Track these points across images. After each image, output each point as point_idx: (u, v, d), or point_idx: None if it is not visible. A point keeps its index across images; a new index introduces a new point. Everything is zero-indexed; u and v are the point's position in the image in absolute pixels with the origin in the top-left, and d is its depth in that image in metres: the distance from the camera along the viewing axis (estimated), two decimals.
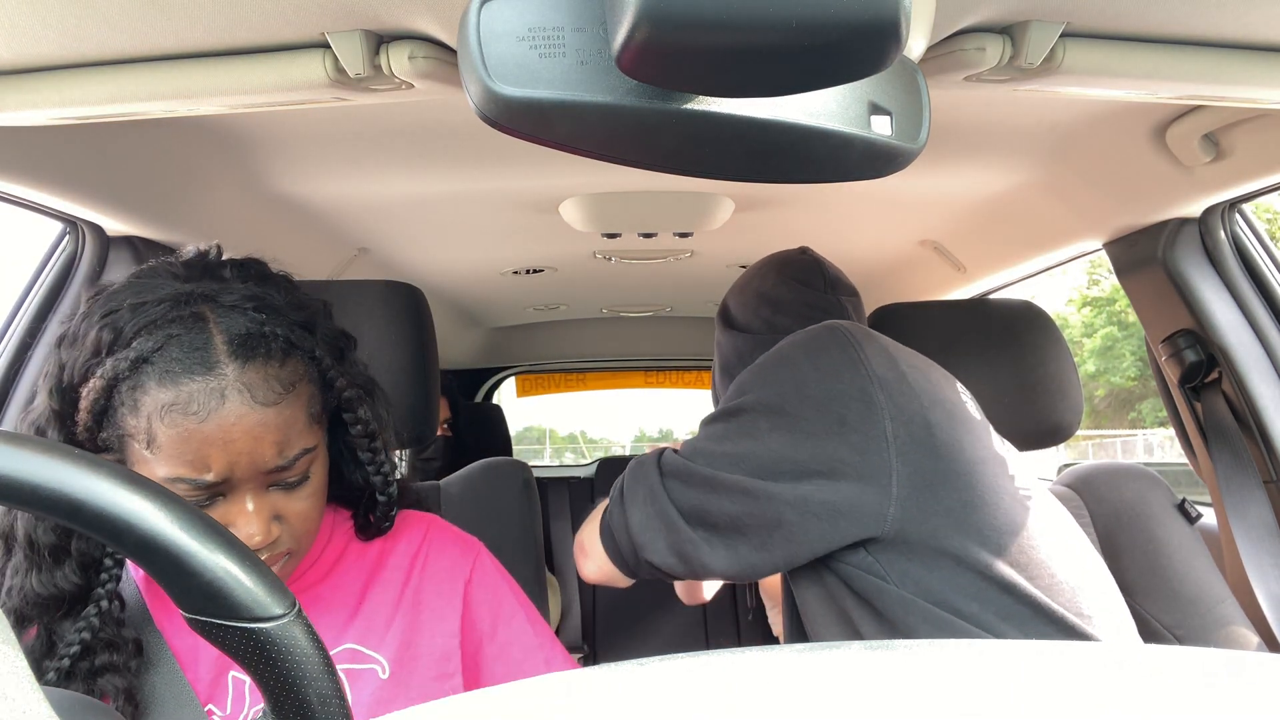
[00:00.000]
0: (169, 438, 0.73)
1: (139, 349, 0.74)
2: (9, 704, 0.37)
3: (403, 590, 0.91)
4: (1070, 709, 0.33)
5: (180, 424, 0.73)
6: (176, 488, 0.74)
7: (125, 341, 0.75)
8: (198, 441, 0.73)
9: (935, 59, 0.83)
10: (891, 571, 0.90)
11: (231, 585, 0.52)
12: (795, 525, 0.91)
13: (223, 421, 0.74)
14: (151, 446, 0.73)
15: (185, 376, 0.73)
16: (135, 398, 0.74)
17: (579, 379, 3.63)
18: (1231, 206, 1.41)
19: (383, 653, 0.87)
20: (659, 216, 1.74)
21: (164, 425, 0.73)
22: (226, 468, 0.75)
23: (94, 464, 0.50)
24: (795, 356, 1.00)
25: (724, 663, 0.38)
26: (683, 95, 0.48)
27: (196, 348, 0.74)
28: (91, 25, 0.75)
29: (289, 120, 1.23)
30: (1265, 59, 0.83)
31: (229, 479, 0.76)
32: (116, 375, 0.74)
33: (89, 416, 0.75)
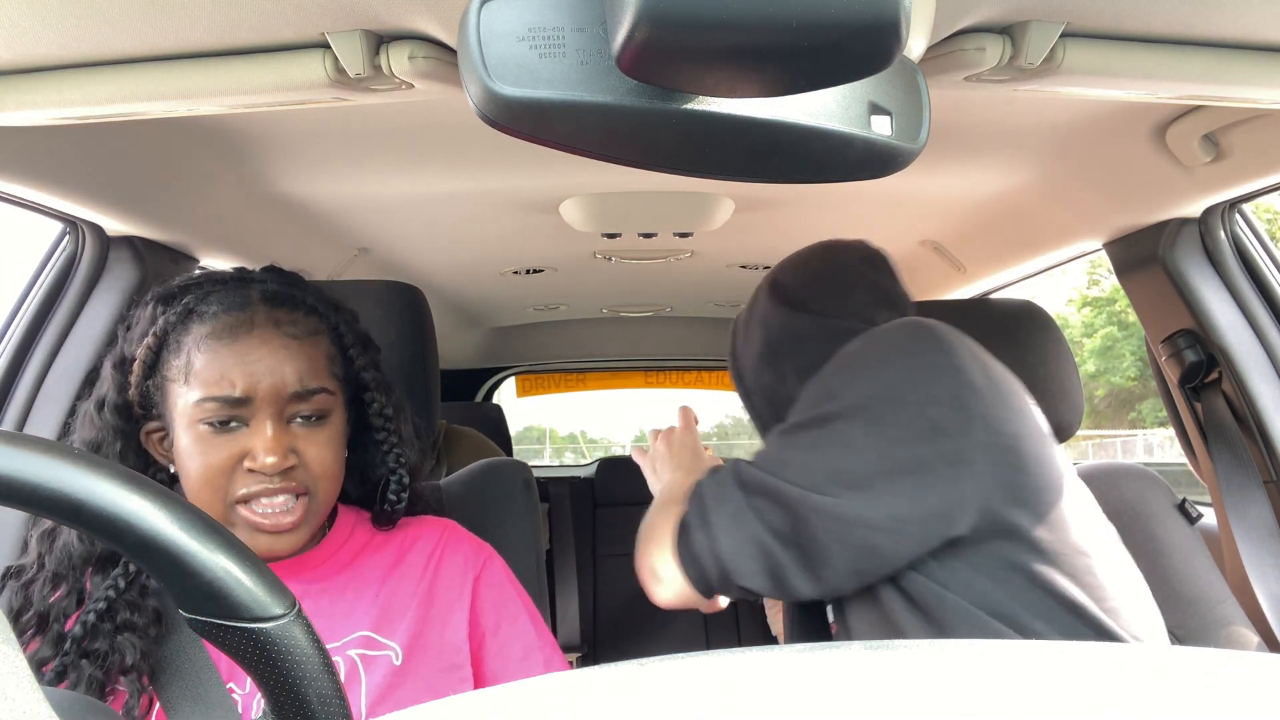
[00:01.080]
0: (203, 363, 0.84)
1: (187, 304, 0.87)
2: (9, 704, 0.37)
3: (418, 584, 0.95)
4: (1070, 709, 0.33)
5: (213, 348, 0.84)
6: (206, 408, 0.83)
7: (176, 302, 0.88)
8: (228, 361, 0.84)
9: (935, 59, 0.83)
10: (954, 581, 0.87)
11: (231, 585, 0.52)
12: (886, 546, 0.87)
13: (250, 343, 0.85)
14: (188, 377, 0.84)
15: (223, 314, 0.86)
16: (179, 340, 0.86)
17: (579, 379, 3.63)
18: (1231, 206, 1.41)
19: (396, 640, 0.90)
20: (659, 216, 1.74)
21: (200, 353, 0.84)
22: (251, 385, 0.84)
23: (94, 464, 0.50)
24: (886, 356, 0.94)
25: (724, 663, 0.38)
26: (683, 95, 0.48)
27: (236, 299, 0.88)
28: (91, 25, 0.75)
29: (289, 120, 1.23)
30: (1265, 59, 0.83)
31: (253, 399, 0.84)
32: (166, 328, 0.86)
33: (141, 369, 0.86)
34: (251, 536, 0.85)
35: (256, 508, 0.85)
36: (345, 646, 0.89)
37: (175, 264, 1.48)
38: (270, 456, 0.83)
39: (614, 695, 0.35)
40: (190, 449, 0.84)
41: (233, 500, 0.84)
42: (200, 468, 0.84)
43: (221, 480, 0.84)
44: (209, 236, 1.50)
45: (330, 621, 0.90)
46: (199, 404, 0.83)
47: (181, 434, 0.85)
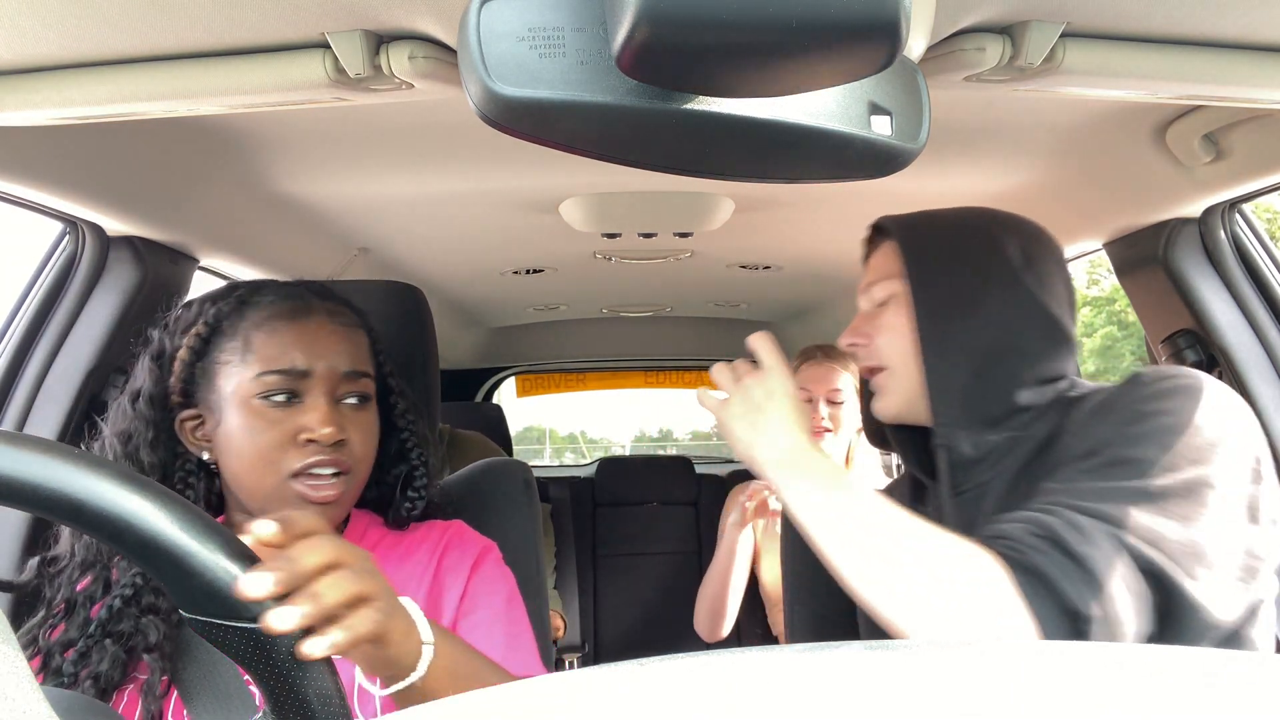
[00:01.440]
0: (263, 340, 0.91)
1: (240, 296, 0.94)
2: (9, 704, 0.37)
3: (423, 580, 0.98)
4: (1070, 709, 0.33)
5: (275, 328, 0.91)
6: (266, 381, 0.89)
7: (227, 297, 0.95)
8: (289, 339, 0.91)
9: (935, 59, 0.83)
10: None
11: (230, 584, 0.52)
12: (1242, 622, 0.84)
13: (309, 324, 0.93)
14: (246, 355, 0.90)
15: (280, 301, 0.94)
16: (234, 325, 0.92)
17: (579, 379, 3.63)
18: (1231, 206, 1.41)
19: None
20: (659, 216, 1.74)
21: (259, 332, 0.91)
22: (311, 361, 0.91)
23: (95, 464, 0.50)
24: (1215, 414, 0.83)
25: (724, 663, 0.38)
26: (683, 95, 0.48)
27: (289, 291, 0.96)
28: (91, 25, 0.75)
29: (289, 120, 1.23)
30: (1265, 59, 0.83)
31: (311, 374, 0.91)
32: (219, 317, 0.93)
33: (189, 354, 0.92)
34: (303, 510, 0.87)
35: (309, 481, 0.89)
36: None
37: (175, 264, 1.48)
38: (327, 427, 0.89)
39: (614, 695, 0.35)
40: (246, 425, 0.89)
41: (287, 474, 0.89)
42: (257, 444, 0.88)
43: (277, 455, 0.89)
44: (209, 236, 1.50)
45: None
46: (259, 378, 0.89)
47: (233, 413, 0.90)
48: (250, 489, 0.91)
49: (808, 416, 0.94)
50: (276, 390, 0.90)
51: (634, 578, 2.98)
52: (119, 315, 1.39)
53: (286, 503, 0.89)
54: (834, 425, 1.95)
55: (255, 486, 0.90)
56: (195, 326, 0.94)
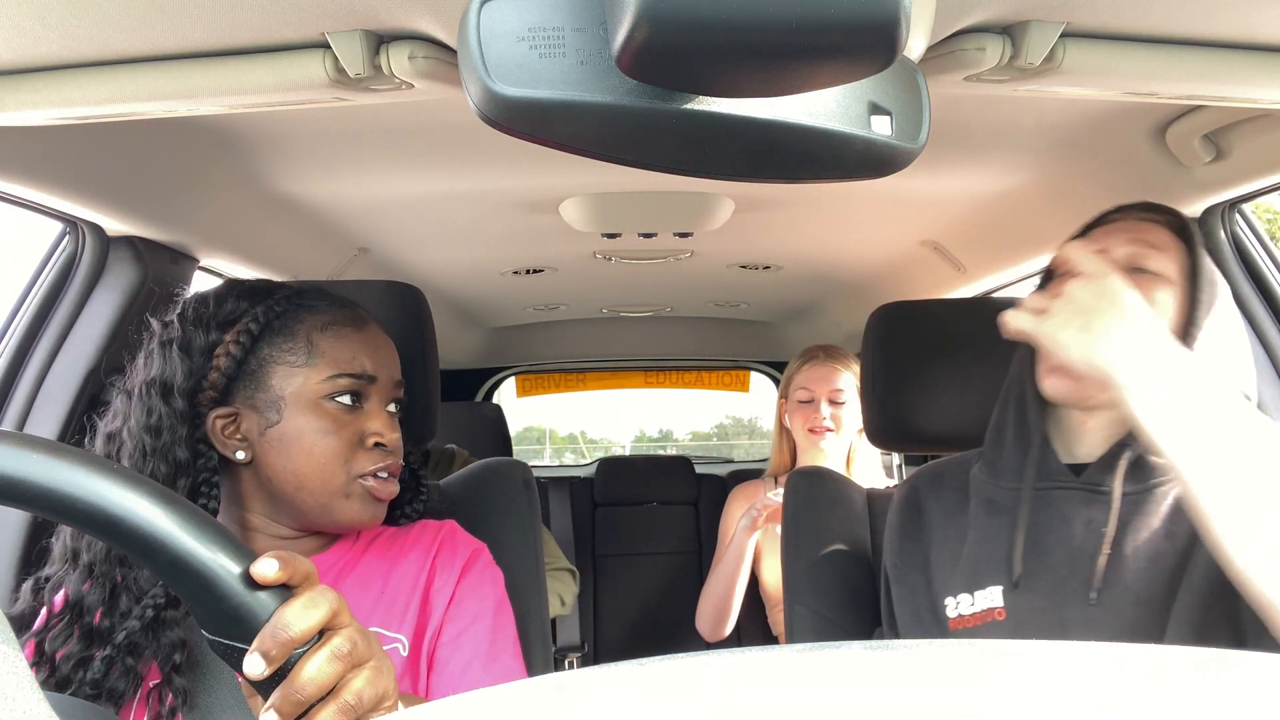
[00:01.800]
0: (331, 345, 0.94)
1: (289, 298, 0.96)
2: (9, 704, 0.37)
3: (417, 578, 0.99)
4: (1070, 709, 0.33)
5: (340, 333, 0.95)
6: (338, 383, 0.93)
7: (271, 295, 0.96)
8: (357, 345, 0.95)
9: (935, 59, 0.83)
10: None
11: (258, 611, 0.53)
12: None
13: (369, 333, 0.98)
14: (311, 357, 0.93)
15: (334, 308, 0.97)
16: (291, 326, 0.94)
17: (579, 379, 3.63)
18: (1231, 206, 1.41)
19: (403, 632, 0.94)
20: (659, 216, 1.74)
21: (326, 337, 0.94)
22: (375, 367, 0.96)
23: (133, 481, 0.50)
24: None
25: (724, 663, 0.38)
26: (683, 95, 0.48)
27: (336, 300, 0.99)
28: (91, 25, 0.75)
29: (289, 120, 1.23)
30: (1265, 59, 0.83)
31: (376, 379, 0.96)
32: (270, 316, 0.94)
33: (237, 349, 0.92)
34: (364, 507, 0.94)
35: (376, 479, 0.94)
36: None
37: (175, 264, 1.48)
38: (394, 434, 0.96)
39: (614, 695, 0.35)
40: (316, 426, 0.92)
41: (356, 475, 0.93)
42: (329, 445, 0.92)
43: (348, 455, 0.93)
44: (209, 236, 1.50)
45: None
46: (330, 380, 0.92)
47: (298, 414, 0.92)
48: (316, 488, 0.92)
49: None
50: (345, 393, 0.93)
51: (633, 578, 2.98)
52: (119, 315, 1.39)
53: (353, 500, 0.93)
54: (835, 425, 1.96)
55: (322, 486, 0.92)
56: (242, 323, 0.93)
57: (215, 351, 0.92)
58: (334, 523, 0.95)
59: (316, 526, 0.97)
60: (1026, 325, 0.87)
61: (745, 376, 3.59)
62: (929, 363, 1.36)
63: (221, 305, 0.95)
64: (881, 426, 1.40)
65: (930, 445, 1.39)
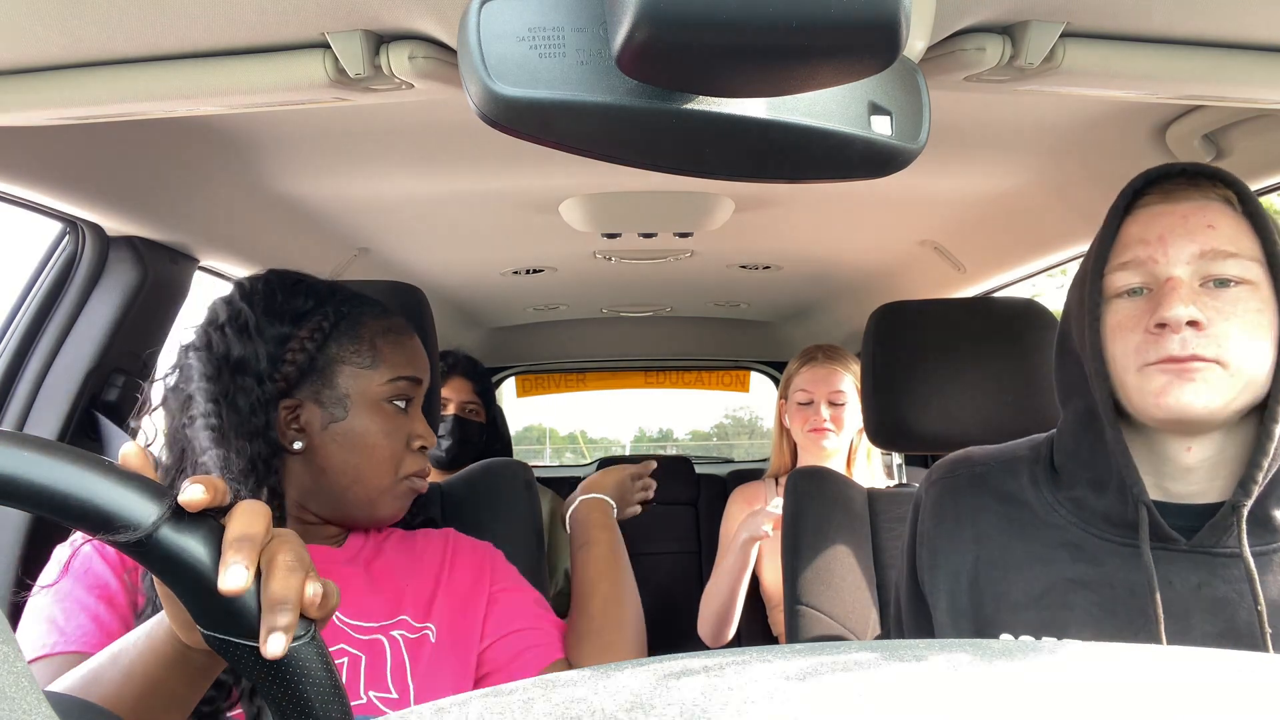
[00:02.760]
0: (391, 349, 1.01)
1: (349, 299, 1.02)
2: (9, 704, 0.37)
3: (438, 576, 1.04)
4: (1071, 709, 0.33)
5: (398, 339, 1.02)
6: (399, 385, 0.99)
7: (332, 296, 1.02)
8: (411, 352, 1.03)
9: (935, 59, 0.83)
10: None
11: (252, 605, 0.53)
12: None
13: (415, 343, 1.05)
14: (375, 359, 0.99)
15: (387, 315, 1.04)
16: (355, 328, 1.00)
17: (579, 379, 3.63)
18: None
19: (431, 623, 0.99)
20: (659, 216, 1.74)
21: (386, 341, 1.01)
22: (421, 371, 1.03)
23: (132, 482, 0.51)
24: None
25: (724, 663, 0.38)
26: (683, 95, 0.48)
27: (381, 308, 1.05)
28: (91, 25, 0.75)
29: (289, 120, 1.23)
30: (1265, 59, 0.83)
31: (422, 382, 1.03)
32: (338, 316, 1.00)
33: (311, 345, 0.97)
34: (402, 504, 1.02)
35: (417, 480, 1.02)
36: (388, 629, 0.96)
37: (175, 264, 1.48)
38: (432, 438, 1.04)
39: (614, 695, 0.35)
40: (378, 426, 0.98)
41: (403, 475, 1.00)
42: (389, 443, 0.98)
43: (400, 455, 1.00)
44: (209, 236, 1.50)
45: (366, 607, 0.97)
46: (392, 383, 0.99)
47: (362, 412, 0.98)
48: (369, 483, 0.98)
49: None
50: (402, 395, 1.00)
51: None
52: (119, 315, 1.39)
53: (398, 497, 1.00)
54: (836, 426, 1.95)
55: (375, 482, 0.98)
56: (315, 320, 0.98)
57: (289, 344, 0.97)
58: (372, 517, 1.00)
59: (348, 519, 1.01)
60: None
61: (745, 376, 3.59)
62: (929, 363, 1.36)
63: (291, 299, 1.00)
64: (881, 426, 1.41)
65: (930, 445, 1.39)
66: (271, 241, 1.65)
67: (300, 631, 0.53)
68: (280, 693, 0.53)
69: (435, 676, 0.95)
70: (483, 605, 1.03)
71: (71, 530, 0.90)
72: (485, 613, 1.03)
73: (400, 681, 0.93)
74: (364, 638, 0.94)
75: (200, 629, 0.53)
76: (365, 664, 0.92)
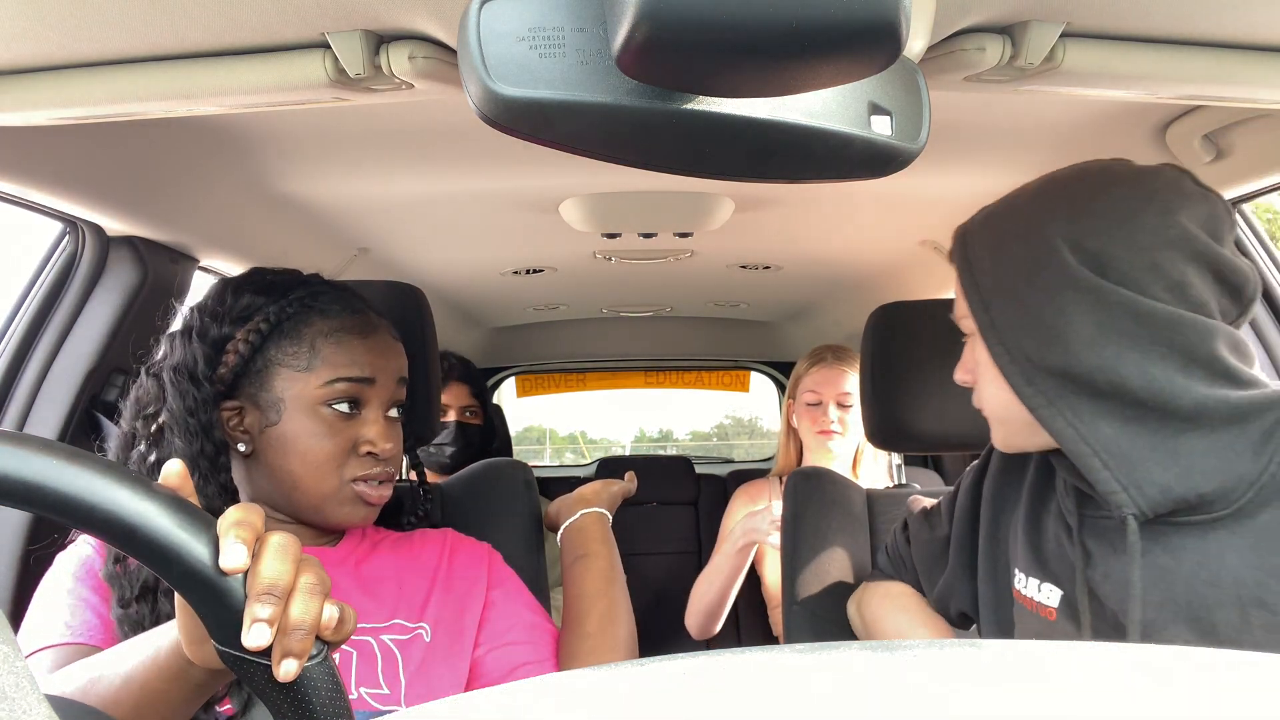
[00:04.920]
0: (332, 351, 0.96)
1: (301, 299, 0.98)
2: (9, 704, 0.37)
3: (434, 575, 1.04)
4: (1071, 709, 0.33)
5: (343, 340, 0.97)
6: (336, 388, 0.95)
7: (283, 295, 0.98)
8: (359, 351, 0.97)
9: (935, 59, 0.83)
10: None
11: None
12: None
13: (375, 340, 0.99)
14: (312, 360, 0.96)
15: (348, 314, 0.99)
16: (298, 330, 0.96)
17: (579, 379, 3.63)
18: (1231, 206, 1.41)
19: (425, 622, 0.99)
20: (659, 216, 1.74)
21: (328, 342, 0.96)
22: (375, 370, 0.98)
23: (150, 492, 0.51)
24: None
25: (724, 663, 0.38)
26: (683, 95, 0.48)
27: (353, 304, 1.01)
28: (91, 25, 0.75)
29: (289, 120, 1.23)
30: (1265, 59, 0.83)
31: (374, 382, 0.98)
32: (282, 317, 0.96)
33: (247, 349, 0.95)
34: (354, 509, 0.98)
35: (368, 484, 0.98)
36: (379, 632, 0.96)
37: (175, 264, 1.48)
38: (389, 443, 0.98)
39: (614, 695, 0.35)
40: (311, 430, 0.95)
41: (349, 479, 0.97)
42: (324, 449, 0.95)
43: (341, 461, 0.96)
44: (209, 236, 1.50)
45: (357, 610, 0.94)
46: (328, 385, 0.95)
47: (296, 416, 0.95)
48: (309, 489, 0.96)
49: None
50: (342, 398, 0.96)
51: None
52: (119, 315, 1.39)
53: (344, 503, 0.97)
54: (843, 428, 1.95)
55: (315, 488, 0.96)
56: (254, 321, 0.96)
57: (226, 346, 0.96)
58: (326, 522, 0.98)
59: (310, 523, 1.00)
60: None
61: (745, 376, 3.59)
62: (929, 363, 1.36)
63: (238, 298, 0.98)
64: (880, 426, 1.40)
65: (929, 446, 1.39)
66: (271, 241, 1.65)
67: (314, 652, 0.53)
68: (289, 711, 0.53)
69: (427, 674, 0.96)
70: (479, 606, 1.03)
71: (70, 532, 0.91)
72: (482, 616, 1.03)
73: (392, 678, 0.94)
74: (355, 638, 0.95)
75: (215, 643, 0.53)
76: (356, 660, 0.94)
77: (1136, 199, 0.85)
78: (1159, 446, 0.81)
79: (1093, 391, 0.83)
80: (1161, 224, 0.83)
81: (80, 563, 0.90)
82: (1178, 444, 0.81)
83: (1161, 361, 0.81)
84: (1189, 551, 0.82)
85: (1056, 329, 0.85)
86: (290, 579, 0.54)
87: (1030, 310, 0.87)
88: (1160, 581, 0.84)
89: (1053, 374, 0.85)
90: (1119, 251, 0.83)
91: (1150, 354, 0.81)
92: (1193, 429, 0.80)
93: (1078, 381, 0.84)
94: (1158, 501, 0.81)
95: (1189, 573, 0.82)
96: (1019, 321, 0.88)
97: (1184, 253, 0.83)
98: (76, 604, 0.86)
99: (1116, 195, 0.86)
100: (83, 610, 0.86)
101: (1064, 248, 0.85)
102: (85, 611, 0.86)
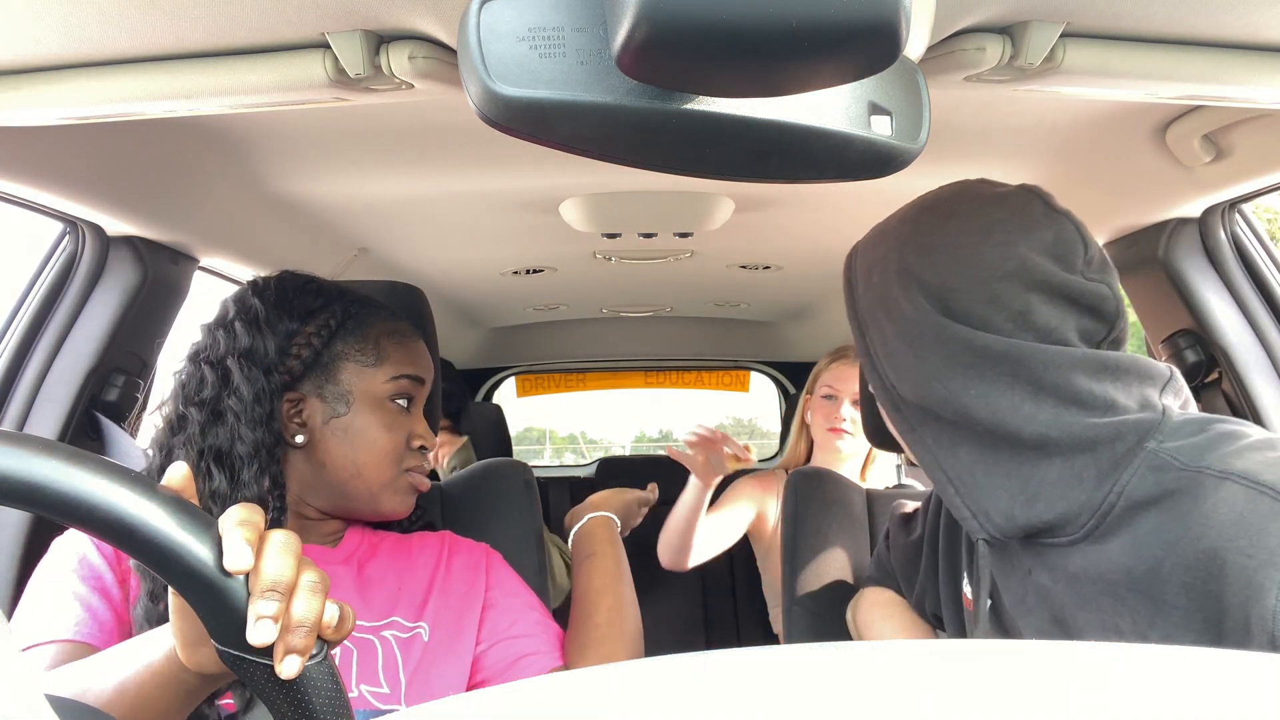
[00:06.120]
0: (395, 348, 1.03)
1: (358, 299, 1.06)
2: (9, 704, 0.37)
3: (433, 575, 1.05)
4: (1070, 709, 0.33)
5: (403, 340, 1.05)
6: (400, 384, 1.02)
7: (342, 295, 1.05)
8: (414, 352, 1.05)
9: (935, 59, 0.83)
10: None
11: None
12: None
13: (419, 341, 1.07)
14: (380, 357, 1.02)
15: (394, 317, 1.07)
16: (362, 327, 1.03)
17: (579, 379, 3.63)
18: (1231, 206, 1.41)
19: (424, 621, 1.00)
20: (659, 216, 1.74)
21: (391, 341, 1.03)
22: (424, 371, 1.05)
23: (152, 493, 0.51)
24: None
25: (724, 663, 0.38)
26: (683, 95, 0.48)
27: (384, 308, 1.08)
28: (91, 25, 0.75)
29: (289, 120, 1.23)
30: (1265, 59, 0.83)
31: (424, 382, 1.05)
32: (346, 314, 1.03)
33: (317, 340, 1.00)
34: (404, 499, 1.03)
35: (417, 475, 1.04)
36: (379, 629, 0.97)
37: (175, 264, 1.48)
38: (432, 438, 1.05)
39: (614, 695, 0.35)
40: (380, 422, 1.00)
41: (403, 470, 1.02)
42: (391, 440, 1.00)
43: (401, 451, 1.02)
44: (209, 236, 1.50)
45: (358, 608, 0.97)
46: (394, 380, 1.01)
47: (365, 409, 1.00)
48: (370, 478, 0.99)
49: None
50: (404, 394, 1.02)
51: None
52: (119, 315, 1.39)
53: (399, 491, 1.02)
54: (854, 428, 1.92)
55: (376, 477, 1.00)
56: (322, 317, 1.01)
57: (295, 339, 1.00)
58: (377, 510, 1.02)
59: (351, 512, 1.02)
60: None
61: (745, 377, 3.59)
62: None
63: (301, 295, 1.03)
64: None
65: None
66: (271, 241, 1.65)
67: (315, 651, 0.53)
68: (290, 710, 0.53)
69: (428, 673, 0.96)
70: (479, 607, 1.04)
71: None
72: (482, 615, 1.04)
73: (392, 676, 0.94)
74: (355, 636, 0.95)
75: (215, 644, 0.53)
76: (357, 657, 0.94)
77: (977, 232, 0.85)
78: (1012, 473, 0.81)
79: (947, 421, 0.84)
80: (999, 256, 0.83)
81: (78, 558, 0.90)
82: (1030, 471, 0.80)
83: (1008, 391, 0.80)
84: (1059, 571, 0.82)
85: (907, 361, 0.86)
86: (293, 576, 0.54)
87: (889, 340, 0.88)
88: (1045, 600, 0.84)
89: (909, 402, 0.87)
90: (960, 284, 0.84)
91: (996, 384, 0.80)
92: (1044, 456, 0.79)
93: (930, 412, 0.85)
94: (1004, 527, 0.81)
95: (1062, 592, 0.82)
96: (883, 350, 0.89)
97: (1024, 282, 0.82)
98: (67, 599, 0.86)
99: (959, 229, 0.87)
100: (73, 605, 0.85)
101: (912, 283, 0.86)
102: (75, 606, 0.85)
